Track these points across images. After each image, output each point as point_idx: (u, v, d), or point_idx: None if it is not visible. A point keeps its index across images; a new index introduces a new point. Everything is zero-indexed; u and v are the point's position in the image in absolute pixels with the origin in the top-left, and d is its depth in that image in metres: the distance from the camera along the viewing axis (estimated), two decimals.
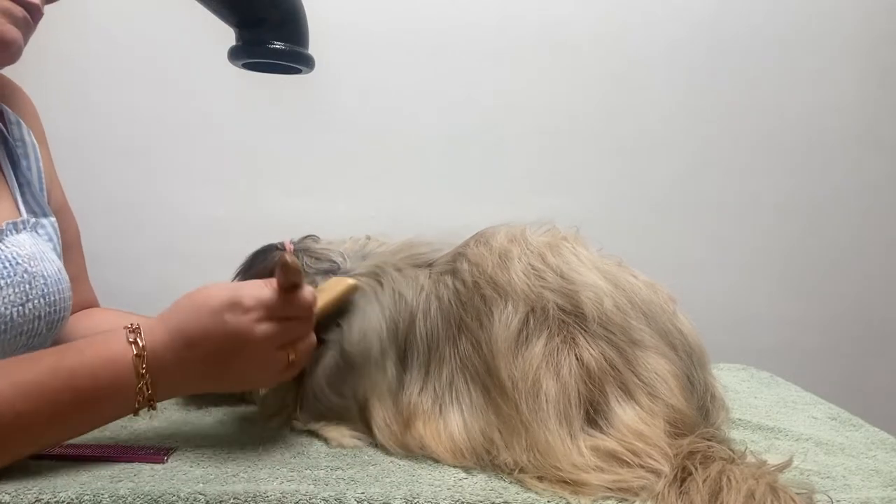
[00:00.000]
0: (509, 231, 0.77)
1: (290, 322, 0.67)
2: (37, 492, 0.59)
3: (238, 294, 0.65)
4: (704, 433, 0.67)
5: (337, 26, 1.26)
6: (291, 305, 0.66)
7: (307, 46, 0.83)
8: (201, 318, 0.64)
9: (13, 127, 0.85)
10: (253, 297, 0.65)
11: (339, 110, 1.30)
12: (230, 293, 0.65)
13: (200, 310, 0.64)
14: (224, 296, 0.64)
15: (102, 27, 1.26)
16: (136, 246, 1.29)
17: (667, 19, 1.33)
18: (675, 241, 1.37)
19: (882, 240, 1.42)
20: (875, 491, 0.66)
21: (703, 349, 0.74)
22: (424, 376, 0.72)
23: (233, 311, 0.64)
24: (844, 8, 1.35)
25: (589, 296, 0.69)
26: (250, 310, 0.64)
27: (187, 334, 0.64)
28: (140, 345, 0.63)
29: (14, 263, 0.73)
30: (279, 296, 0.66)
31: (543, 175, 1.35)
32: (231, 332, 0.64)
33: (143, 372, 0.62)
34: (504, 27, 1.31)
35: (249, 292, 0.65)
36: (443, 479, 0.64)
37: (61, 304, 0.79)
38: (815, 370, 1.35)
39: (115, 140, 1.28)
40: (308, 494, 0.60)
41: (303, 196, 1.30)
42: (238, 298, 0.64)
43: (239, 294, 0.65)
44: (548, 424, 0.64)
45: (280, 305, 0.66)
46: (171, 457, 0.68)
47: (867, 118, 1.38)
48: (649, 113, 1.35)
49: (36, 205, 0.84)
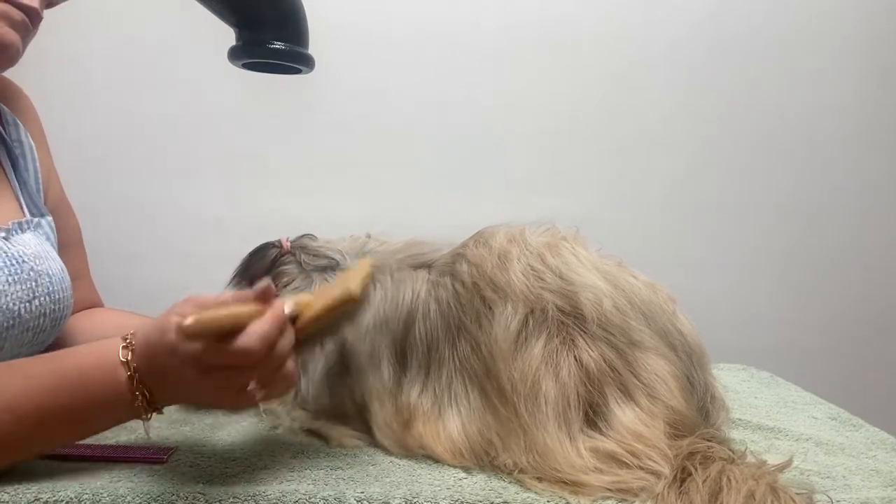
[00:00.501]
0: (508, 231, 0.77)
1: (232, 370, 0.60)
2: (36, 491, 0.59)
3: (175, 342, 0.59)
4: (704, 434, 0.67)
5: (337, 26, 1.26)
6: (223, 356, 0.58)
7: (307, 46, 0.83)
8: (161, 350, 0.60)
9: (10, 128, 0.86)
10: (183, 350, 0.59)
11: (339, 110, 1.30)
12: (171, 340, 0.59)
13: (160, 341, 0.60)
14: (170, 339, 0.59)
15: (103, 28, 1.25)
16: (137, 245, 1.29)
17: (667, 19, 1.33)
18: (675, 241, 1.37)
19: (882, 240, 1.42)
20: (875, 491, 0.66)
21: (703, 349, 0.74)
22: (424, 377, 0.72)
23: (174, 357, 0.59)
24: (844, 8, 1.35)
25: (588, 297, 0.69)
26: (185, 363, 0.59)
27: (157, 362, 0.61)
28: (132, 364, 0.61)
29: (21, 262, 0.75)
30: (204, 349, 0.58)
31: (543, 175, 1.35)
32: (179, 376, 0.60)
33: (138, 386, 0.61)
34: (504, 27, 1.31)
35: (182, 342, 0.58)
36: (442, 479, 0.64)
37: (65, 301, 0.81)
38: (815, 370, 1.35)
39: (116, 140, 1.28)
40: (308, 494, 0.60)
41: (303, 196, 1.30)
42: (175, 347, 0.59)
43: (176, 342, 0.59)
44: (547, 426, 0.64)
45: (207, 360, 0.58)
46: (171, 457, 0.68)
47: (867, 118, 1.38)
48: (649, 113, 1.35)
49: (33, 205, 0.85)
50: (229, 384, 0.60)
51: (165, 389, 0.62)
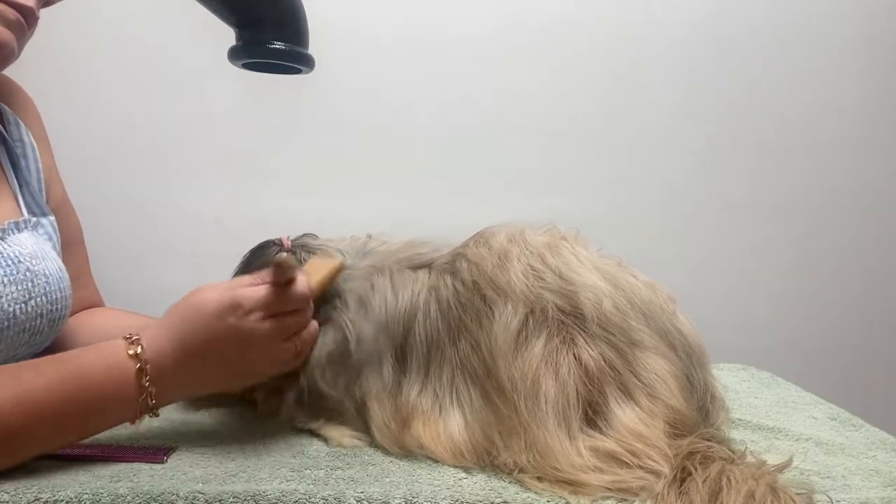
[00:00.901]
0: (509, 231, 0.77)
1: (289, 316, 0.69)
2: (36, 491, 0.59)
3: (236, 296, 0.66)
4: (704, 433, 0.67)
5: (337, 26, 1.26)
6: (288, 300, 0.69)
7: (307, 46, 0.83)
8: (203, 324, 0.65)
9: (12, 127, 0.86)
10: (251, 298, 0.66)
11: (339, 110, 1.30)
12: (229, 296, 0.66)
13: (201, 315, 0.65)
14: (223, 299, 0.66)
15: (103, 28, 1.25)
16: (136, 245, 1.29)
17: (667, 19, 1.33)
18: (675, 241, 1.37)
19: (882, 240, 1.42)
20: (875, 491, 0.66)
21: (703, 349, 0.74)
22: (424, 377, 0.72)
23: (234, 313, 0.66)
24: (844, 8, 1.35)
25: (588, 296, 0.69)
26: (251, 310, 0.66)
27: (190, 342, 0.65)
28: (142, 357, 0.64)
29: (17, 262, 0.74)
30: (275, 293, 0.68)
31: (543, 175, 1.35)
32: (235, 334, 0.66)
33: (146, 384, 0.64)
34: (504, 27, 1.31)
35: (247, 293, 0.67)
36: (442, 479, 0.64)
37: (62, 302, 0.80)
38: (815, 370, 1.35)
39: (116, 140, 1.28)
40: (308, 494, 0.60)
41: (303, 196, 1.30)
42: (237, 300, 0.66)
43: (237, 296, 0.66)
44: (547, 425, 0.64)
45: (277, 302, 0.68)
46: (170, 457, 0.68)
47: (867, 118, 1.38)
48: (649, 113, 1.35)
49: (35, 204, 0.85)
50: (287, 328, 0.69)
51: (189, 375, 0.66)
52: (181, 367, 0.65)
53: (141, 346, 0.64)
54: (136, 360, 0.63)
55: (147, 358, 0.64)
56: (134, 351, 0.64)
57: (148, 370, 0.64)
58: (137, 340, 0.65)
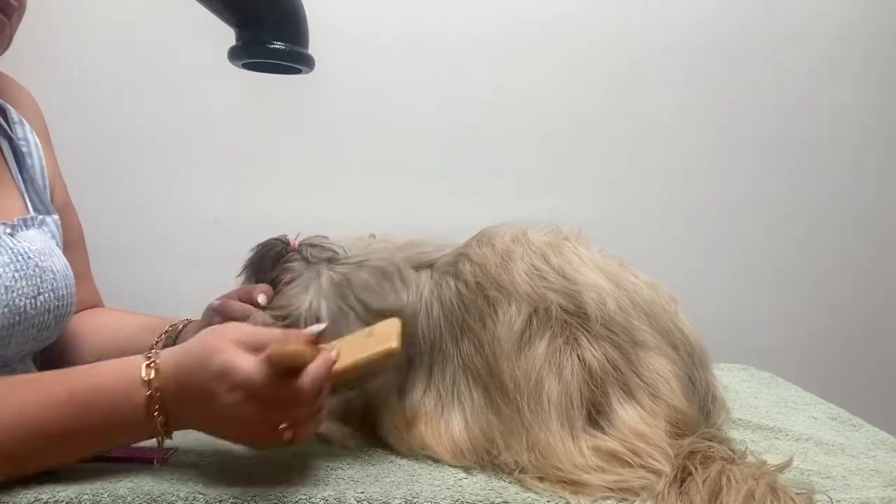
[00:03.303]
0: (511, 231, 0.77)
1: (282, 406, 0.60)
2: (36, 491, 0.59)
3: (231, 366, 0.59)
4: (705, 433, 0.67)
5: (337, 26, 1.26)
6: (282, 392, 0.59)
7: (307, 46, 0.83)
8: (200, 374, 0.60)
9: (16, 126, 0.86)
10: (242, 375, 0.59)
11: (339, 111, 1.30)
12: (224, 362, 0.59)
13: (203, 364, 0.60)
14: (220, 362, 0.59)
15: (103, 28, 1.25)
16: (136, 245, 1.29)
17: (667, 19, 1.33)
18: (676, 241, 1.37)
19: (882, 239, 1.42)
20: (875, 491, 0.66)
21: (705, 349, 0.74)
22: (428, 377, 0.72)
23: (221, 382, 0.59)
24: (844, 8, 1.35)
25: (592, 296, 0.69)
26: (236, 388, 0.59)
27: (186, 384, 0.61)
28: (153, 384, 0.60)
29: (26, 257, 0.75)
30: (269, 379, 0.59)
31: (544, 175, 1.35)
32: (216, 403, 0.60)
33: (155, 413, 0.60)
34: (505, 27, 1.31)
35: (242, 367, 0.59)
36: (443, 479, 0.64)
37: (68, 298, 0.81)
38: (815, 370, 1.35)
39: (115, 140, 1.28)
40: (308, 494, 0.60)
41: (303, 196, 1.30)
42: (229, 371, 0.59)
43: (231, 366, 0.59)
44: (549, 425, 0.64)
45: (267, 390, 0.59)
46: (171, 457, 0.68)
47: (867, 118, 1.38)
48: (650, 113, 1.35)
49: (39, 203, 0.86)
50: (271, 419, 0.60)
51: (188, 414, 0.61)
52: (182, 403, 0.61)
53: (156, 371, 0.61)
54: (146, 387, 0.60)
55: (159, 385, 0.60)
56: (148, 376, 0.60)
57: (158, 398, 0.60)
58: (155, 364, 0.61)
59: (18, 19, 0.77)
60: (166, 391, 0.60)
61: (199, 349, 0.61)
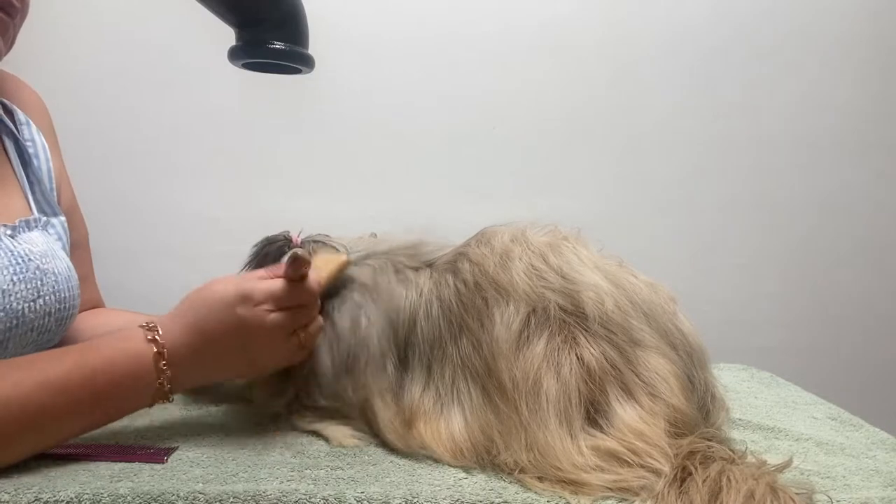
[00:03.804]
0: (510, 231, 0.77)
1: (297, 309, 0.70)
2: (36, 491, 0.59)
3: (248, 288, 0.68)
4: (705, 433, 0.67)
5: (337, 26, 1.26)
6: (298, 294, 0.70)
7: (307, 46, 0.83)
8: (214, 313, 0.67)
9: (23, 127, 0.86)
10: (262, 291, 0.68)
11: (339, 110, 1.30)
12: (241, 287, 0.68)
13: (213, 305, 0.67)
14: (234, 290, 0.67)
15: (103, 28, 1.25)
16: (136, 245, 1.29)
17: (667, 19, 1.33)
18: (675, 241, 1.37)
19: (882, 239, 1.42)
20: (875, 491, 0.66)
21: (704, 349, 0.74)
22: (426, 376, 0.72)
23: (244, 303, 0.67)
24: (844, 8, 1.35)
25: (590, 296, 0.69)
26: (261, 302, 0.68)
27: (202, 329, 0.67)
28: (160, 342, 0.65)
29: (26, 260, 0.75)
30: (287, 287, 0.69)
31: (544, 175, 1.35)
32: (245, 323, 0.67)
33: (163, 367, 0.65)
34: (505, 27, 1.31)
35: (258, 285, 0.68)
36: (442, 479, 0.64)
37: (71, 301, 0.80)
38: (815, 370, 1.35)
39: (116, 140, 1.28)
40: (308, 494, 0.60)
41: (303, 196, 1.30)
42: (248, 292, 0.67)
43: (249, 287, 0.68)
44: (548, 424, 0.64)
45: (288, 296, 0.69)
46: (171, 457, 0.68)
47: (867, 118, 1.38)
48: (650, 113, 1.35)
49: (46, 204, 0.85)
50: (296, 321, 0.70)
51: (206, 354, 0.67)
52: (194, 353, 0.67)
53: (157, 332, 0.66)
54: (153, 345, 0.65)
55: (164, 343, 0.65)
56: (152, 336, 0.65)
57: (165, 354, 0.65)
58: (154, 327, 0.66)
59: (21, 19, 0.77)
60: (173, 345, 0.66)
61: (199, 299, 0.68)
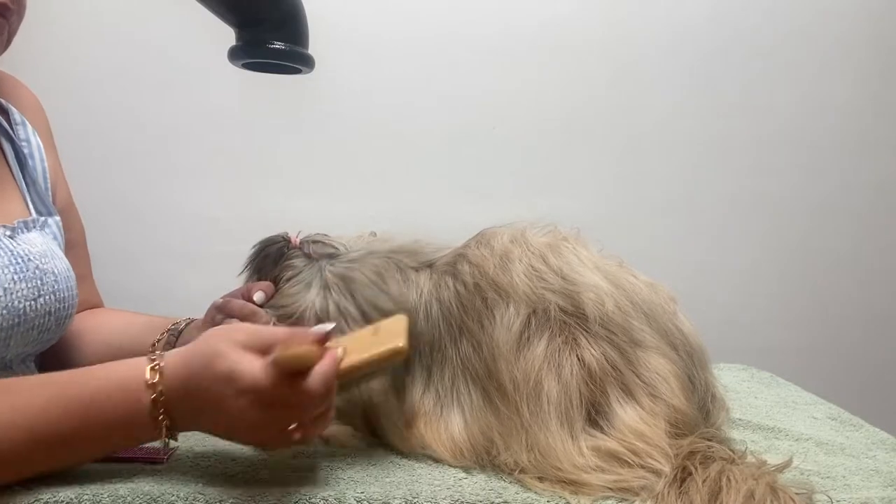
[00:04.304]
0: (510, 232, 0.77)
1: (289, 408, 0.59)
2: (36, 491, 0.59)
3: (237, 370, 0.58)
4: (705, 433, 0.67)
5: (337, 26, 1.26)
6: (290, 394, 0.58)
7: (307, 46, 0.83)
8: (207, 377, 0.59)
9: (18, 127, 0.86)
10: (249, 380, 0.58)
11: (339, 110, 1.30)
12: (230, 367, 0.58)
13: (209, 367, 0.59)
14: (225, 366, 0.58)
15: (103, 28, 1.25)
16: (136, 245, 1.29)
17: (667, 19, 1.33)
18: (675, 241, 1.37)
19: (882, 240, 1.42)
20: (875, 491, 0.66)
21: (704, 349, 0.74)
22: (427, 378, 0.72)
23: (228, 386, 0.58)
24: (844, 8, 1.35)
25: (590, 296, 0.69)
26: (244, 392, 0.58)
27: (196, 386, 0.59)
28: (158, 388, 0.59)
29: (26, 260, 0.75)
30: (275, 382, 0.57)
31: (544, 175, 1.35)
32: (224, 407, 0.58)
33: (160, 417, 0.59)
34: (505, 27, 1.31)
35: (248, 371, 0.58)
36: (443, 479, 0.64)
37: (70, 300, 0.81)
38: (815, 370, 1.35)
39: (115, 140, 1.28)
40: (308, 494, 0.60)
41: (303, 196, 1.30)
42: (235, 376, 0.58)
43: (237, 371, 0.58)
44: (549, 425, 0.64)
45: (275, 393, 0.58)
46: (171, 457, 0.68)
47: (867, 118, 1.38)
48: (650, 113, 1.35)
49: (41, 204, 0.85)
50: (280, 421, 0.59)
51: (196, 417, 0.60)
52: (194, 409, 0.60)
53: (160, 374, 0.59)
54: (150, 390, 0.59)
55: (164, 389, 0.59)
56: (153, 379, 0.59)
57: (162, 402, 0.59)
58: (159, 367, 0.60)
59: (18, 21, 0.77)
60: (171, 394, 0.59)
61: (203, 351, 0.60)
